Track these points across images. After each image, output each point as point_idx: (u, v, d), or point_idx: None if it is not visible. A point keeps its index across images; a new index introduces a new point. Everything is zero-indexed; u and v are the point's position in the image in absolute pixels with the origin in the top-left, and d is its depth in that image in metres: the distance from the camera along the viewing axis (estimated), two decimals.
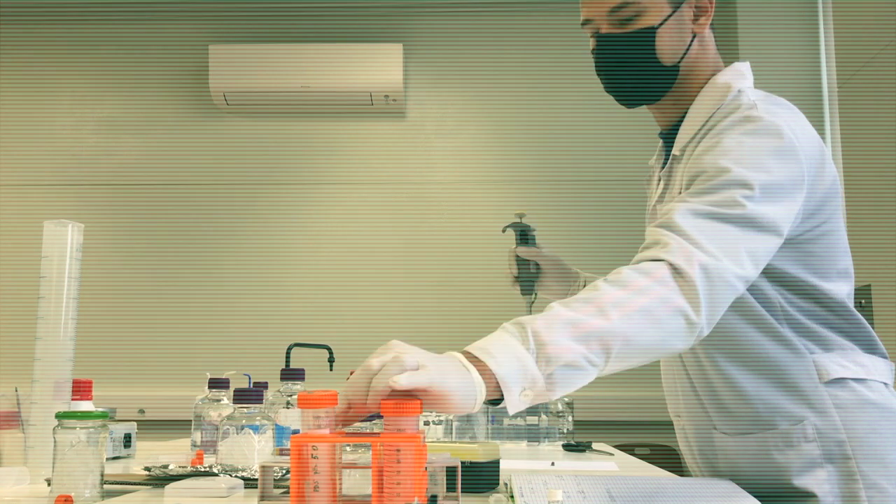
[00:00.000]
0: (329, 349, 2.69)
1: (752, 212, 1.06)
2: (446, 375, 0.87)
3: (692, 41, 1.28)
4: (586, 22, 1.34)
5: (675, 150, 1.29)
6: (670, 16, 1.25)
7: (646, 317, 0.96)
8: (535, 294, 1.54)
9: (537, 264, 1.56)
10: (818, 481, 1.16)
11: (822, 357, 1.20)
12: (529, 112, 3.82)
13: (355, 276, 3.74)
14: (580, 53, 3.90)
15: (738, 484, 1.17)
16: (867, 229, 2.88)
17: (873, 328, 1.27)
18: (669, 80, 1.29)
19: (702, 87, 1.29)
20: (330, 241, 3.78)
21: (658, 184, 1.36)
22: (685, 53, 1.28)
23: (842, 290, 1.24)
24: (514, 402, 0.91)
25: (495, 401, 0.92)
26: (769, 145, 1.12)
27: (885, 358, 1.25)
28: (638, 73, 1.28)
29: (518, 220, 1.55)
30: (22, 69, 3.93)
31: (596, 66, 1.33)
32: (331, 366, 2.70)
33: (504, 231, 1.54)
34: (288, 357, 2.49)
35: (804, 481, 1.17)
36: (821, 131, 3.61)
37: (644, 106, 1.36)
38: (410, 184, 3.83)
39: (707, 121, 1.24)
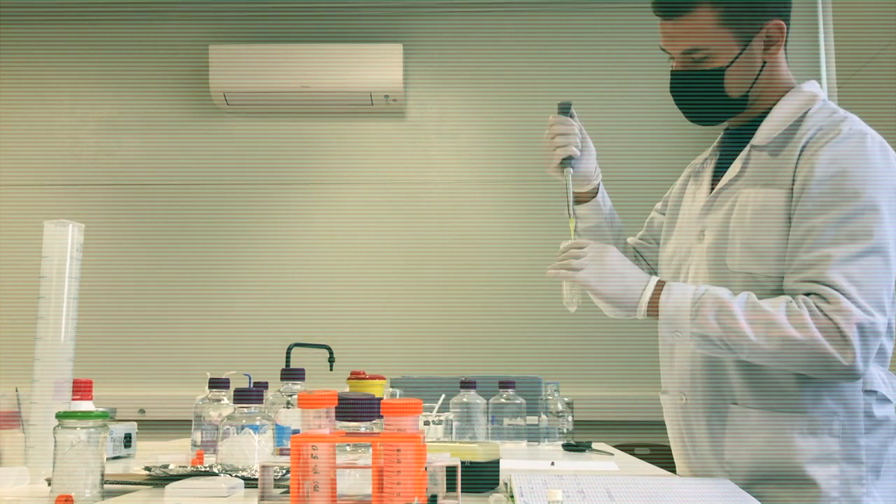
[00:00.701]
0: (329, 349, 2.69)
1: (884, 241, 1.21)
2: (605, 283, 1.30)
3: (762, 69, 1.37)
4: (663, 49, 1.41)
5: (758, 141, 1.36)
6: (738, 56, 1.33)
7: (791, 345, 1.18)
8: (574, 169, 1.48)
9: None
10: (828, 475, 1.23)
11: (874, 368, 1.28)
12: (529, 112, 3.81)
13: (355, 276, 3.74)
14: (580, 53, 3.91)
15: (742, 462, 1.28)
16: None
17: None
18: (739, 107, 1.39)
19: (780, 95, 1.38)
20: (330, 241, 3.78)
21: (713, 175, 1.44)
22: (754, 82, 1.37)
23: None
24: (662, 328, 1.27)
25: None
26: (884, 165, 1.25)
27: None
28: (708, 104, 1.38)
29: (566, 103, 1.52)
30: (22, 69, 3.93)
31: (671, 91, 1.41)
32: (331, 366, 2.70)
33: (558, 106, 1.51)
34: (288, 357, 2.49)
35: (815, 471, 1.23)
36: None
37: None
38: (410, 184, 3.83)
39: (801, 121, 1.33)
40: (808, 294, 1.21)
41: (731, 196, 1.36)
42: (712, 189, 1.42)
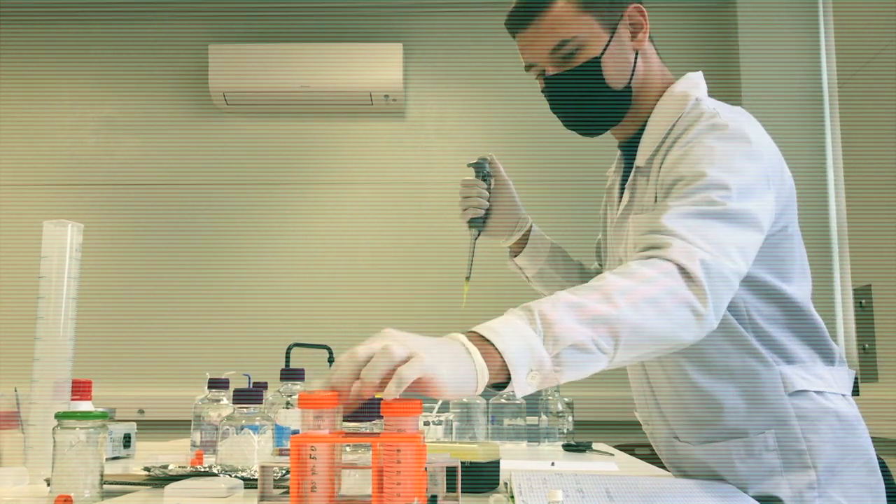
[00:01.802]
0: (329, 349, 2.69)
1: (733, 208, 1.07)
2: (440, 362, 0.85)
3: (636, 59, 1.30)
4: (530, 66, 1.33)
5: (639, 162, 1.29)
6: (609, 41, 1.26)
7: (653, 306, 0.96)
8: (480, 232, 1.55)
9: (487, 200, 1.54)
10: (776, 488, 1.18)
11: (787, 369, 1.21)
12: (529, 112, 3.81)
13: (355, 276, 3.74)
14: None
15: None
16: (867, 229, 2.88)
17: (873, 328, 1.28)
18: (625, 102, 1.30)
19: (656, 99, 1.30)
20: (329, 241, 3.78)
21: (620, 195, 1.36)
22: (633, 73, 1.29)
23: (803, 291, 1.25)
24: (522, 384, 0.89)
25: (500, 385, 0.90)
26: (738, 149, 1.14)
27: (844, 365, 1.27)
28: (593, 104, 1.29)
29: (481, 161, 1.56)
30: (22, 69, 3.93)
31: (551, 107, 1.34)
32: (331, 366, 2.70)
33: (468, 166, 1.56)
34: (288, 357, 2.49)
35: (765, 489, 1.19)
36: (821, 131, 3.61)
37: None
38: (410, 184, 3.83)
39: (670, 130, 1.25)
40: (649, 247, 1.04)
41: (623, 227, 1.31)
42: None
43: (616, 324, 0.93)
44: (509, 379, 0.89)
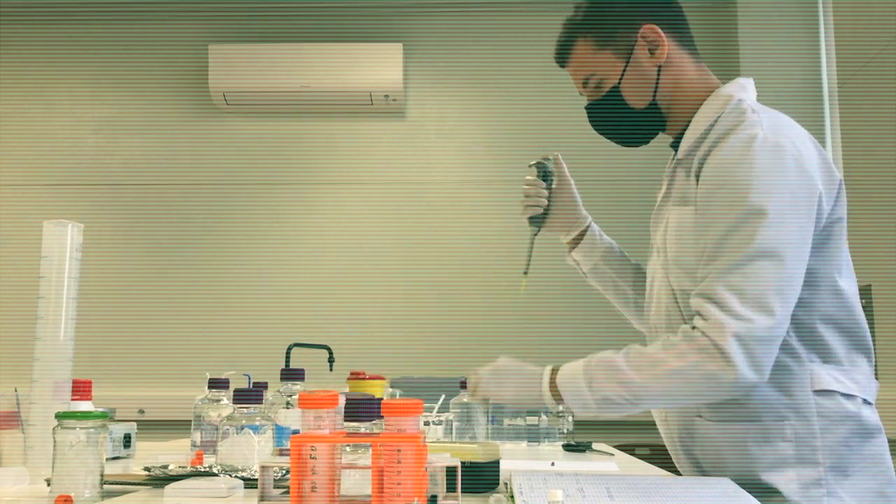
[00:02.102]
0: (329, 349, 2.69)
1: (770, 245, 1.18)
2: (503, 390, 1.42)
3: (659, 74, 1.39)
4: (581, 93, 1.49)
5: (679, 155, 1.38)
6: (625, 69, 1.38)
7: (678, 377, 1.20)
8: (539, 229, 1.63)
9: (547, 199, 1.63)
10: (786, 480, 1.23)
11: (820, 367, 1.26)
12: (529, 112, 3.82)
13: (355, 276, 3.74)
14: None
15: (716, 473, 1.29)
16: (867, 229, 2.88)
17: (873, 328, 1.30)
18: (655, 116, 1.41)
19: (699, 101, 1.38)
20: (329, 241, 3.78)
21: (663, 192, 1.45)
22: (655, 89, 1.39)
23: (851, 287, 1.31)
24: (575, 409, 1.30)
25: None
26: (777, 164, 1.21)
27: (873, 374, 1.33)
28: (625, 124, 1.43)
29: (543, 161, 1.63)
30: (22, 69, 3.93)
31: (591, 124, 1.48)
32: (331, 366, 2.70)
33: (529, 167, 1.63)
34: (288, 357, 2.48)
35: (772, 478, 1.24)
36: (821, 131, 3.61)
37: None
38: (410, 184, 3.83)
39: (712, 125, 1.32)
40: (696, 314, 1.22)
41: (664, 216, 1.41)
42: None
43: (639, 389, 1.23)
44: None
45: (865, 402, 1.28)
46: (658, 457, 1.67)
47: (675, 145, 1.45)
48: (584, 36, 1.40)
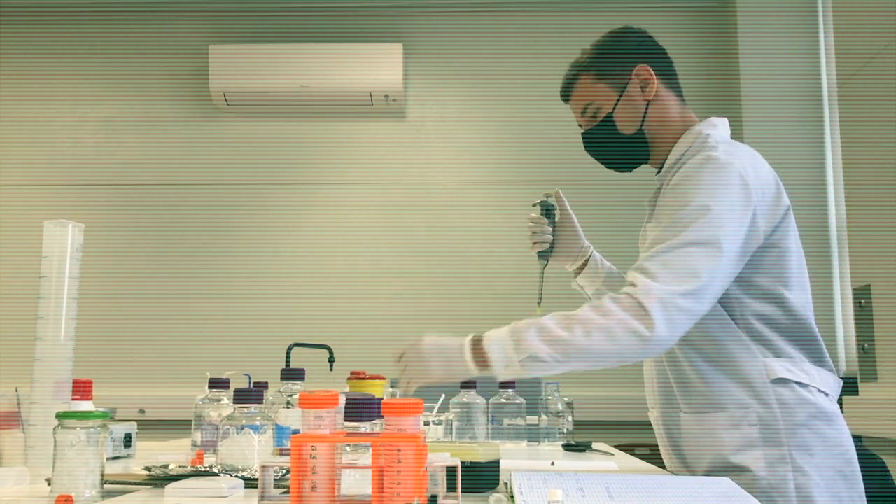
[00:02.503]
0: (329, 349, 2.69)
1: (705, 235, 1.35)
2: (436, 362, 1.43)
3: (647, 108, 1.57)
4: (580, 125, 1.66)
5: (660, 183, 1.57)
6: (619, 100, 1.57)
7: (601, 333, 1.31)
8: (547, 262, 1.78)
9: (552, 234, 1.79)
10: (753, 459, 1.40)
11: (772, 361, 1.43)
12: (529, 112, 3.82)
13: (355, 276, 3.74)
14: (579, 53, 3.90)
15: (698, 462, 1.46)
16: (867, 229, 2.88)
17: (873, 328, 1.37)
18: (641, 144, 1.59)
19: (677, 137, 1.57)
20: (330, 241, 3.78)
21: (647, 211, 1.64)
22: (643, 120, 1.57)
23: (800, 299, 1.47)
24: (498, 373, 1.38)
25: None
26: (724, 179, 1.40)
27: (832, 372, 1.48)
28: (614, 148, 1.61)
29: (545, 199, 1.79)
30: (22, 69, 3.93)
31: (586, 149, 1.65)
32: (331, 366, 2.70)
33: (533, 206, 1.78)
34: (288, 357, 2.49)
35: (741, 458, 1.40)
36: (821, 131, 3.62)
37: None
38: (410, 184, 3.83)
39: (681, 157, 1.53)
40: (629, 284, 1.36)
41: (646, 237, 1.53)
42: None
43: (567, 346, 1.33)
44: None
45: (820, 391, 1.43)
46: (658, 456, 1.68)
47: (659, 177, 1.62)
48: (586, 71, 1.60)
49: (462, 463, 0.99)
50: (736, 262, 1.39)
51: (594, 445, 2.12)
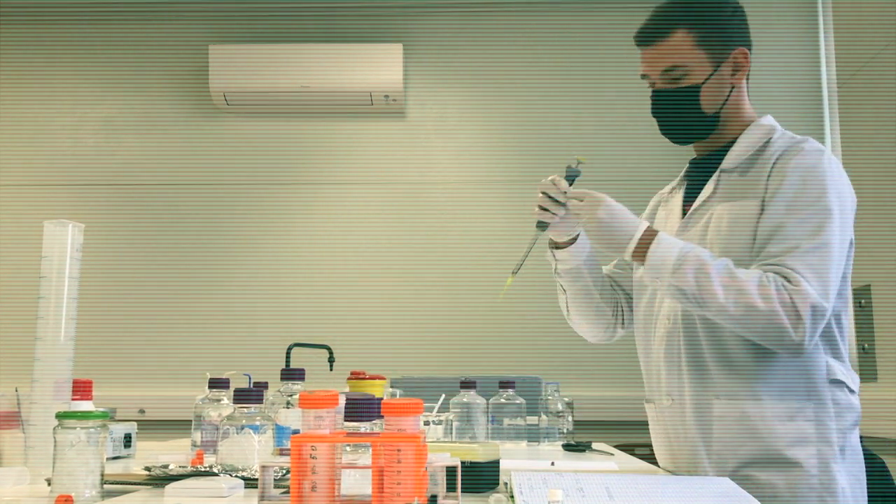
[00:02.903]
0: (329, 349, 2.69)
1: (836, 239, 1.38)
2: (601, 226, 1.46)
3: (730, 92, 1.54)
4: (644, 76, 1.58)
5: (726, 165, 1.54)
6: (711, 74, 1.51)
7: (752, 311, 1.34)
8: (543, 232, 1.67)
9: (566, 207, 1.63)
10: (807, 455, 1.39)
11: (832, 360, 1.44)
12: (529, 112, 3.82)
13: (355, 276, 3.74)
14: (580, 53, 3.91)
15: (728, 451, 1.42)
16: (867, 229, 2.88)
17: (873, 328, 1.42)
18: (712, 125, 1.55)
19: (741, 128, 1.56)
20: (330, 241, 3.78)
21: (685, 199, 1.61)
22: (724, 103, 1.54)
23: (847, 290, 1.49)
24: (644, 272, 1.43)
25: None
26: (841, 177, 1.44)
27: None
28: (685, 120, 1.55)
29: (572, 167, 1.67)
30: (22, 69, 3.93)
31: (652, 111, 1.58)
32: (331, 366, 2.70)
33: (567, 168, 1.68)
34: (288, 357, 2.49)
35: (796, 453, 1.39)
36: (821, 131, 3.61)
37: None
38: (410, 184, 3.83)
39: (765, 147, 1.51)
40: (780, 275, 1.37)
41: (706, 214, 1.53)
42: (685, 211, 1.60)
43: (713, 301, 1.35)
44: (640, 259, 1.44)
45: (855, 394, 1.47)
46: (656, 456, 1.68)
47: (701, 160, 1.62)
48: (688, 28, 1.50)
49: (462, 463, 0.99)
50: (848, 260, 1.45)
51: (594, 445, 2.12)
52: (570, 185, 1.62)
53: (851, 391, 1.45)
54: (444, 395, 2.22)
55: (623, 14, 3.83)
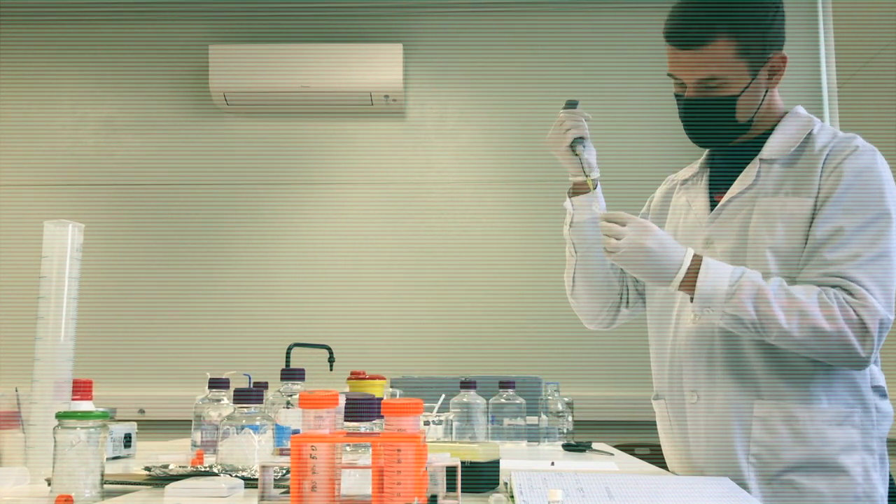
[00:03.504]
0: (329, 349, 2.69)
1: (894, 245, 1.34)
2: (640, 263, 1.36)
3: (764, 96, 1.48)
4: (672, 76, 1.49)
5: (766, 155, 1.47)
6: (749, 84, 1.44)
7: (817, 333, 1.28)
8: (584, 148, 1.60)
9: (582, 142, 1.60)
10: (854, 463, 1.35)
11: (874, 367, 1.41)
12: (529, 112, 3.82)
13: (355, 276, 3.74)
14: (580, 53, 3.91)
15: (769, 454, 1.36)
16: None
17: None
18: (744, 130, 1.49)
19: (776, 118, 1.51)
20: (330, 241, 3.78)
21: (710, 188, 1.54)
22: (758, 109, 1.48)
23: None
24: (695, 305, 1.34)
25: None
26: (890, 178, 1.39)
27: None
28: (717, 129, 1.48)
29: (574, 101, 1.61)
30: (22, 69, 3.93)
31: (681, 115, 1.50)
32: (331, 366, 2.70)
33: (566, 105, 1.60)
34: (288, 357, 2.49)
35: (844, 460, 1.35)
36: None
37: None
38: (410, 184, 3.83)
39: (809, 139, 1.46)
40: (834, 287, 1.32)
41: (745, 205, 1.45)
42: (712, 201, 1.52)
43: (775, 328, 1.29)
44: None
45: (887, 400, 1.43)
46: (658, 456, 1.67)
47: (724, 148, 1.53)
48: (731, 35, 1.40)
49: (462, 463, 0.99)
50: None
51: (594, 445, 2.12)
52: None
53: (887, 397, 1.42)
54: (444, 395, 2.22)
55: (624, 14, 3.83)
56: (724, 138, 1.51)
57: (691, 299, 1.36)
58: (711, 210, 1.51)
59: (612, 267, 1.66)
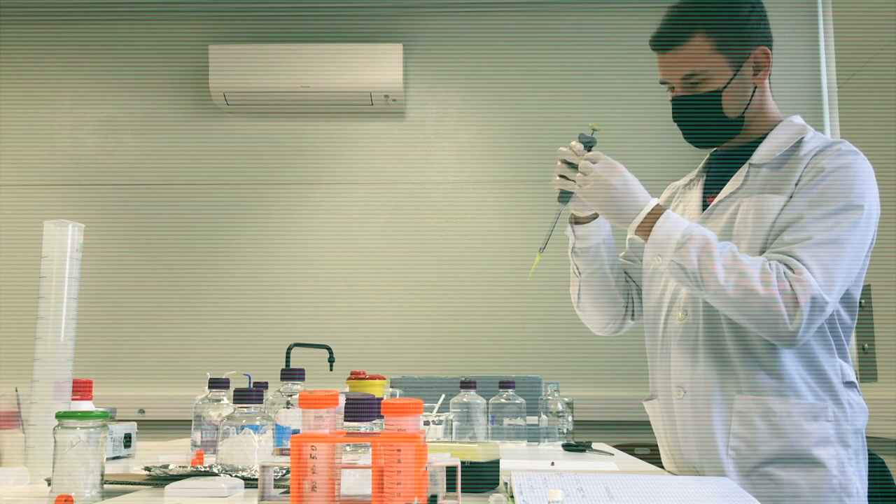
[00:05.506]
0: (329, 349, 2.69)
1: (855, 236, 1.37)
2: (606, 201, 1.43)
3: (753, 93, 1.52)
4: (663, 82, 1.55)
5: (756, 160, 1.51)
6: (732, 78, 1.48)
7: (750, 296, 1.32)
8: (566, 205, 1.58)
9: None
10: (829, 456, 1.38)
11: (844, 363, 1.45)
12: (529, 112, 3.82)
13: (355, 276, 3.74)
14: (580, 54, 3.91)
15: (747, 448, 1.40)
16: None
17: (873, 328, 1.42)
18: (737, 128, 1.53)
19: (768, 127, 1.54)
20: (330, 240, 3.78)
21: (705, 191, 1.59)
22: (748, 105, 1.51)
23: (857, 294, 1.49)
24: (647, 250, 1.42)
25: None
26: (870, 180, 1.43)
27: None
28: (709, 125, 1.52)
29: (587, 135, 1.55)
30: (22, 69, 3.93)
31: (674, 117, 1.55)
32: (331, 366, 2.70)
33: (579, 139, 1.54)
34: (288, 357, 2.49)
35: (819, 452, 1.38)
36: (820, 131, 3.61)
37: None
38: (410, 184, 3.83)
39: (798, 145, 1.49)
40: (784, 264, 1.35)
41: (731, 206, 1.50)
42: (704, 203, 1.57)
43: (713, 282, 1.33)
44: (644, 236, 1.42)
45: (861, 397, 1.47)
46: (658, 456, 1.67)
47: (722, 152, 1.60)
48: (705, 32, 1.46)
49: (462, 463, 0.99)
50: (863, 264, 1.43)
51: (594, 445, 2.12)
52: (588, 150, 1.53)
53: (859, 392, 1.45)
54: (444, 395, 2.23)
55: (623, 14, 3.83)
56: (718, 136, 1.55)
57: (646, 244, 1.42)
58: (703, 211, 1.57)
59: (615, 282, 1.69)
